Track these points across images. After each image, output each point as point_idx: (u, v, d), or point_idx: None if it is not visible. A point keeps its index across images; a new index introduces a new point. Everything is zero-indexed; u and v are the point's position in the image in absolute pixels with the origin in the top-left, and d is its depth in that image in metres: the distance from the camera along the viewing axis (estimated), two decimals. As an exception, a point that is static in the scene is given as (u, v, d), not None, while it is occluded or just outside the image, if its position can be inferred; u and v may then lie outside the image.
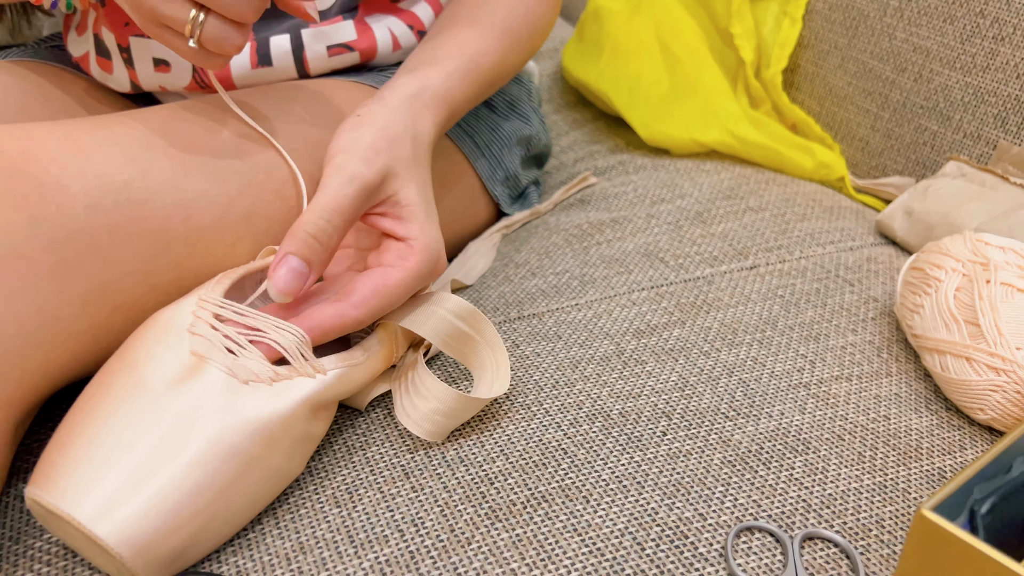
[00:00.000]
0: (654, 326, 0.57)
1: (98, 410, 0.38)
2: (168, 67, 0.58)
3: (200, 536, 0.37)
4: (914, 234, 0.67)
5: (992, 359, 0.47)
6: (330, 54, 0.59)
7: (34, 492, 0.36)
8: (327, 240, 0.43)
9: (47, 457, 0.37)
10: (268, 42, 0.57)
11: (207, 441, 0.37)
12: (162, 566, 0.36)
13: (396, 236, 0.46)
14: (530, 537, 0.41)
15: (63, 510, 0.35)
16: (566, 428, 0.48)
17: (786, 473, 0.45)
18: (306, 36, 0.58)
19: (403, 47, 0.63)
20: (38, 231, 0.40)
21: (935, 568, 0.29)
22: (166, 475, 0.36)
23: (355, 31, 0.60)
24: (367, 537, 0.41)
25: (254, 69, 0.58)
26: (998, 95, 0.69)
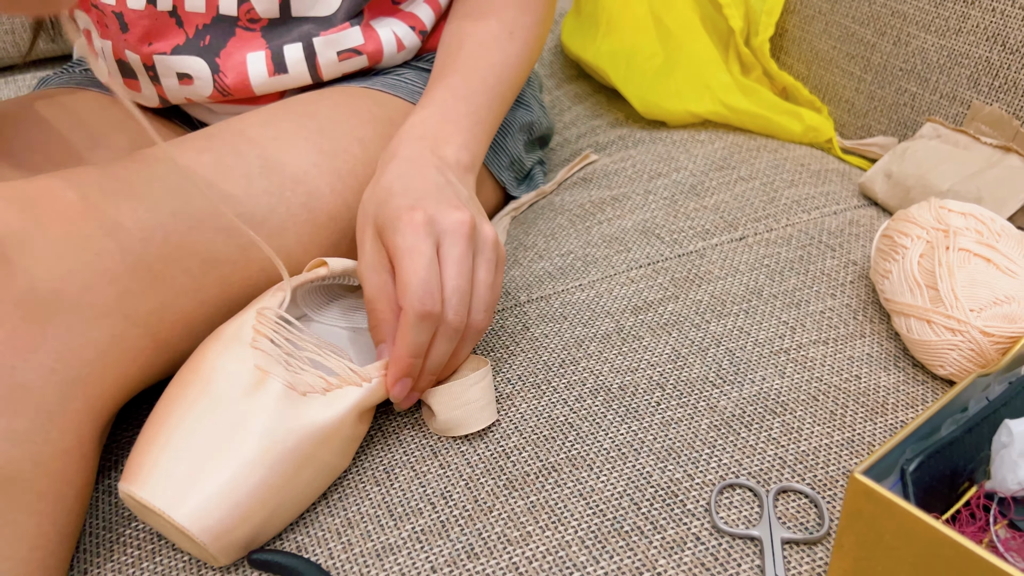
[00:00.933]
0: (650, 302, 0.63)
1: (174, 416, 0.45)
2: (191, 80, 0.63)
3: (266, 523, 0.44)
4: (893, 196, 0.72)
5: (949, 321, 0.53)
6: (340, 59, 0.65)
7: (128, 488, 0.43)
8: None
9: (136, 457, 0.44)
10: (282, 51, 0.63)
11: (271, 443, 0.44)
12: (236, 549, 0.44)
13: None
14: (542, 503, 0.48)
15: (155, 504, 0.42)
16: (572, 404, 0.55)
17: (765, 434, 0.51)
18: (317, 44, 0.63)
19: (407, 47, 0.68)
20: (103, 267, 0.46)
21: (867, 523, 0.36)
22: (234, 472, 0.43)
23: (362, 36, 0.65)
24: (404, 510, 0.48)
25: (271, 77, 0.63)
26: (970, 57, 0.73)
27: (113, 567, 0.47)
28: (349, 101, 0.63)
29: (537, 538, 0.46)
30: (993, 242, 0.55)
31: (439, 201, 0.50)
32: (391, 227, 0.49)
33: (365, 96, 0.64)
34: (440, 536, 0.47)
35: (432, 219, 0.49)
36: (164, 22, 0.60)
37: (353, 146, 0.59)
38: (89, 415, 0.44)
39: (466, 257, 0.50)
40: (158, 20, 0.59)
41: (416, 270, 0.47)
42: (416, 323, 0.48)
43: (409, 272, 0.47)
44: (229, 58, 0.61)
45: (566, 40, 1.02)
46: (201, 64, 0.61)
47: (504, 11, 0.64)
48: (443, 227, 0.49)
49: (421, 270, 0.47)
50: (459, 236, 0.49)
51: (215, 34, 0.61)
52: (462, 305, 0.49)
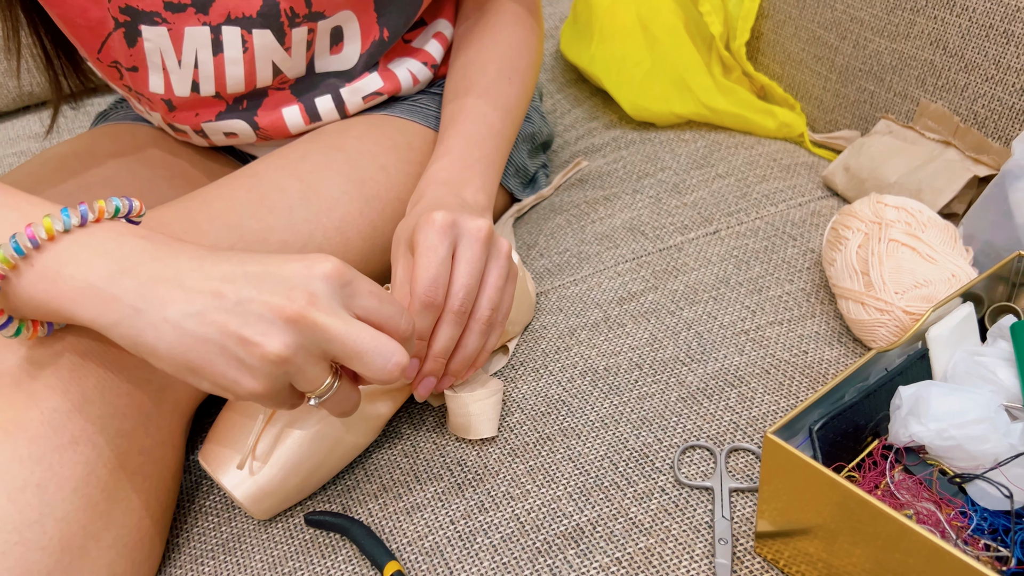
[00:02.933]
0: (633, 293, 0.74)
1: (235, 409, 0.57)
2: (236, 136, 0.74)
3: (300, 492, 0.57)
4: (850, 187, 0.82)
5: (878, 302, 0.63)
6: (365, 102, 0.75)
7: (203, 463, 0.55)
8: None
9: (208, 442, 0.57)
10: (314, 104, 0.73)
11: (306, 430, 0.55)
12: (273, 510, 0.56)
13: None
14: (539, 466, 0.59)
15: (218, 479, 0.54)
16: (564, 384, 0.66)
17: (723, 403, 0.62)
18: (344, 93, 0.74)
19: (420, 80, 0.78)
20: None
21: (780, 475, 0.46)
22: (277, 455, 0.55)
23: (381, 80, 0.75)
24: (427, 476, 0.60)
25: (307, 124, 0.74)
26: (917, 59, 0.81)
27: (199, 531, 0.59)
28: (372, 131, 0.73)
29: (534, 494, 0.57)
30: (919, 232, 0.65)
31: (462, 211, 0.57)
32: (418, 229, 0.56)
33: (386, 124, 0.74)
34: (457, 495, 0.58)
35: (455, 222, 0.56)
36: (208, 102, 0.70)
37: (377, 173, 0.69)
38: (176, 413, 0.56)
39: (479, 259, 0.56)
40: (202, 101, 0.70)
41: (428, 266, 0.54)
42: (420, 311, 0.54)
43: (422, 268, 0.54)
44: (267, 115, 0.72)
45: (564, 48, 1.12)
46: (243, 124, 0.72)
47: (503, 57, 0.73)
48: (463, 230, 0.56)
49: (433, 266, 0.54)
50: (476, 240, 0.56)
51: (250, 98, 0.71)
52: (468, 298, 0.56)
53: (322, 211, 0.65)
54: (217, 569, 0.56)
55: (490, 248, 0.58)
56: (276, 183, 0.65)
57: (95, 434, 0.50)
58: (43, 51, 0.76)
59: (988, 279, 0.59)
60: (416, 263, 0.55)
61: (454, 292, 0.55)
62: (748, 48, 1.02)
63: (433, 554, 0.54)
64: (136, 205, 0.49)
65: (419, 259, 0.55)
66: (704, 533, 0.53)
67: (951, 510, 0.47)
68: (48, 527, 0.47)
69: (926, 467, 0.49)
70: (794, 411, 0.48)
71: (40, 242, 0.44)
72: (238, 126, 0.72)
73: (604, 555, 0.52)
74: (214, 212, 0.61)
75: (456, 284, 0.56)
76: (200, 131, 0.74)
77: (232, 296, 0.44)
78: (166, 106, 0.70)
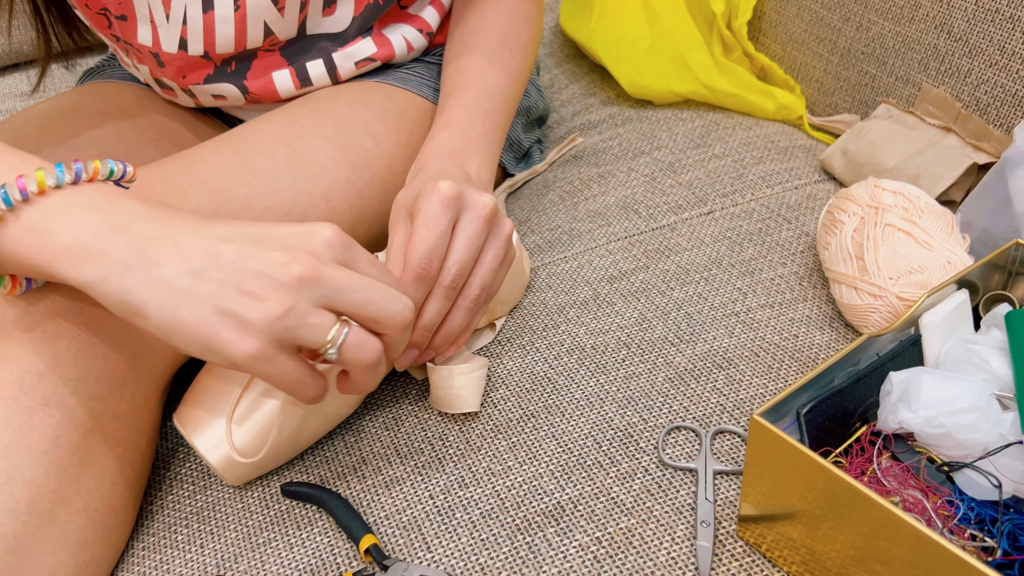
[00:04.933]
0: (624, 272, 0.73)
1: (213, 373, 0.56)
2: (225, 98, 0.73)
3: (275, 460, 0.55)
4: (848, 171, 0.80)
5: (871, 287, 0.62)
6: (358, 67, 0.73)
7: (177, 425, 0.54)
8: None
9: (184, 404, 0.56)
10: (306, 68, 0.72)
11: (283, 397, 0.54)
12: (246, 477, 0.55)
13: None
14: (521, 443, 0.58)
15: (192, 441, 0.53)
16: (551, 361, 0.65)
17: (711, 385, 0.61)
18: (336, 57, 0.72)
19: (415, 48, 0.76)
20: None
21: (766, 458, 0.45)
22: (253, 419, 0.54)
23: (375, 45, 0.73)
24: (408, 450, 0.59)
25: (298, 89, 0.72)
26: (921, 43, 0.80)
27: (174, 498, 0.58)
28: (363, 98, 0.71)
29: (516, 471, 0.56)
30: (916, 218, 0.64)
31: (470, 186, 0.56)
32: (422, 196, 0.54)
33: (378, 92, 0.73)
34: (437, 470, 0.57)
35: (460, 195, 0.54)
36: (195, 62, 0.68)
37: (367, 141, 0.68)
38: (153, 378, 0.55)
39: (479, 235, 0.55)
40: (190, 61, 0.68)
41: (427, 237, 0.53)
42: (413, 283, 0.53)
43: (420, 238, 0.53)
44: (256, 79, 0.70)
45: (563, 22, 1.10)
46: (231, 87, 0.70)
47: (504, 28, 0.71)
48: (467, 203, 0.54)
49: (432, 238, 0.53)
50: (478, 216, 0.55)
51: (239, 60, 0.69)
52: (461, 275, 0.55)
53: (308, 178, 0.63)
54: (191, 537, 0.55)
55: (492, 226, 0.56)
56: (262, 148, 0.63)
57: (68, 397, 0.49)
58: (32, 4, 0.75)
59: (984, 267, 0.58)
60: (414, 232, 0.53)
61: (448, 266, 0.54)
62: (750, 28, 1.00)
63: (410, 529, 0.53)
64: (129, 171, 0.47)
65: (418, 228, 0.53)
66: (686, 515, 0.52)
67: (938, 499, 0.46)
68: (16, 489, 0.46)
69: (914, 455, 0.48)
70: (782, 393, 0.47)
71: (30, 195, 0.42)
72: (227, 89, 0.71)
73: (584, 534, 0.52)
74: (197, 175, 0.60)
75: (451, 258, 0.54)
76: (188, 90, 0.72)
77: (230, 254, 0.42)
78: (155, 60, 0.68)
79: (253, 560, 0.53)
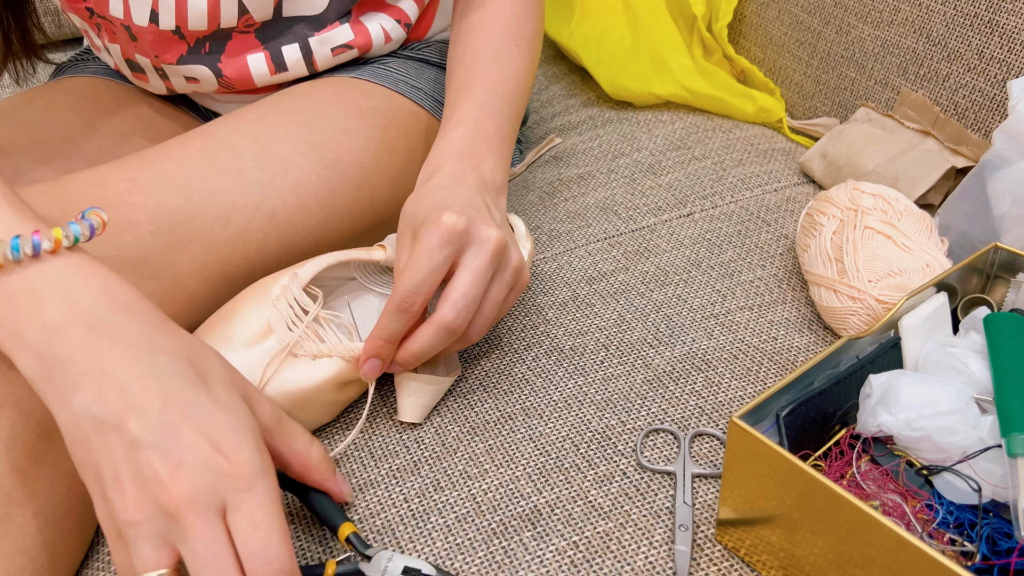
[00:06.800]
0: (604, 273, 0.72)
1: None
2: (198, 81, 0.71)
3: None
4: (827, 174, 0.80)
5: (851, 290, 0.61)
6: (334, 54, 0.72)
7: None
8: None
9: None
10: (281, 52, 0.70)
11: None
12: None
13: None
14: (498, 446, 0.57)
15: None
16: (529, 363, 0.64)
17: (690, 387, 0.60)
18: (312, 43, 0.71)
19: (393, 39, 0.76)
20: (121, 256, 0.54)
21: (745, 461, 0.45)
22: None
23: (352, 32, 0.72)
24: (383, 452, 0.58)
25: (273, 75, 0.71)
26: (900, 47, 0.80)
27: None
28: (336, 95, 0.70)
29: (492, 474, 0.55)
30: (895, 221, 0.63)
31: (478, 215, 0.54)
32: (424, 225, 0.53)
33: (352, 88, 0.72)
34: (412, 473, 0.56)
35: (465, 231, 0.52)
36: (168, 38, 0.67)
37: (338, 136, 0.67)
38: None
39: (486, 272, 0.53)
40: (162, 36, 0.67)
41: (418, 268, 0.52)
42: (393, 313, 0.52)
43: (411, 268, 0.52)
44: (230, 61, 0.69)
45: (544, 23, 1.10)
46: (204, 70, 0.69)
47: (508, 21, 0.70)
48: (473, 237, 0.53)
49: (422, 270, 0.52)
50: (485, 251, 0.53)
51: (213, 40, 0.68)
52: (468, 312, 0.53)
53: (276, 173, 0.62)
54: (158, 542, 0.53)
55: (499, 261, 0.54)
56: (229, 144, 0.62)
57: (23, 398, 0.47)
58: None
59: (963, 270, 0.57)
60: (409, 261, 0.52)
61: (451, 301, 0.52)
62: (730, 30, 1.00)
63: (385, 532, 0.52)
64: (97, 224, 0.45)
65: (413, 258, 0.52)
66: (664, 519, 0.51)
67: (917, 502, 0.46)
68: None
69: (893, 458, 0.48)
70: (761, 396, 0.46)
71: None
72: (200, 72, 0.69)
73: (561, 538, 0.51)
74: (159, 172, 0.58)
75: (455, 293, 0.53)
76: (160, 71, 0.71)
77: (133, 432, 0.39)
78: (127, 34, 0.67)
79: (222, 565, 0.52)
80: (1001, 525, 0.44)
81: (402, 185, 0.70)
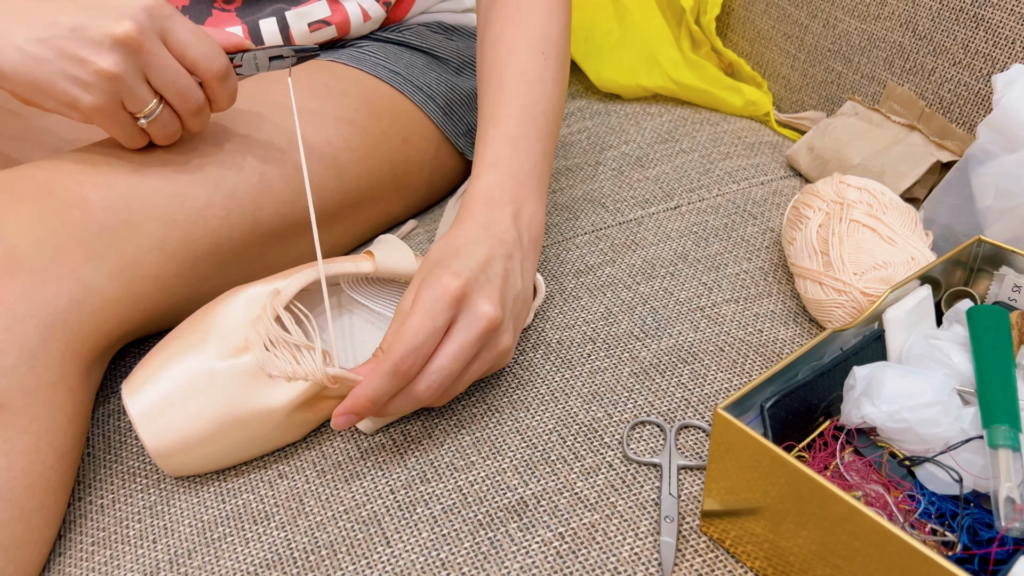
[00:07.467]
0: (591, 265, 0.72)
1: (172, 349, 0.54)
2: None
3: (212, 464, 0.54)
4: (814, 168, 0.81)
5: (836, 283, 0.62)
6: (311, 30, 0.72)
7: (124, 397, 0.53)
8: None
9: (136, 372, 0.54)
10: (258, 25, 0.70)
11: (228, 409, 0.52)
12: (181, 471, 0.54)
13: None
14: (485, 438, 0.57)
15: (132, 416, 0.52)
16: (516, 356, 0.64)
17: (676, 379, 0.61)
18: (289, 16, 0.71)
19: (372, 18, 0.75)
20: (69, 232, 0.54)
21: (730, 452, 0.45)
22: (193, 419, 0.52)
23: (329, 8, 0.73)
24: (369, 445, 0.58)
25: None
26: (887, 41, 0.80)
27: (126, 492, 0.56)
28: (307, 75, 0.70)
29: (479, 466, 0.55)
30: (880, 214, 0.64)
31: (486, 284, 0.52)
32: (426, 282, 0.51)
33: (324, 69, 0.72)
34: (399, 465, 0.56)
35: (466, 297, 0.51)
36: None
37: (304, 115, 0.67)
38: (70, 353, 0.53)
39: (471, 348, 0.51)
40: None
41: (419, 331, 0.49)
42: (388, 374, 0.49)
43: (412, 329, 0.49)
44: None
45: (532, 15, 1.09)
46: None
47: (530, 26, 0.65)
48: (469, 310, 0.51)
49: (422, 334, 0.49)
50: (476, 328, 0.51)
51: (193, 14, 0.68)
52: (440, 386, 0.51)
53: (237, 151, 0.62)
54: (144, 532, 0.53)
55: (487, 340, 0.53)
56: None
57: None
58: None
59: (946, 263, 0.58)
60: (408, 319, 0.50)
61: (428, 373, 0.51)
62: (718, 23, 1.00)
63: (370, 523, 0.52)
64: None
65: (413, 317, 0.50)
66: (650, 510, 0.52)
67: (899, 493, 0.46)
68: None
69: (876, 449, 0.48)
70: (746, 387, 0.46)
71: None
72: None
73: (547, 529, 0.51)
74: (115, 153, 0.59)
75: (434, 365, 0.51)
76: None
77: (67, 23, 0.51)
78: None
79: (207, 555, 0.52)
80: (982, 515, 0.44)
81: (373, 167, 0.70)
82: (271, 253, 0.66)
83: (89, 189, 0.56)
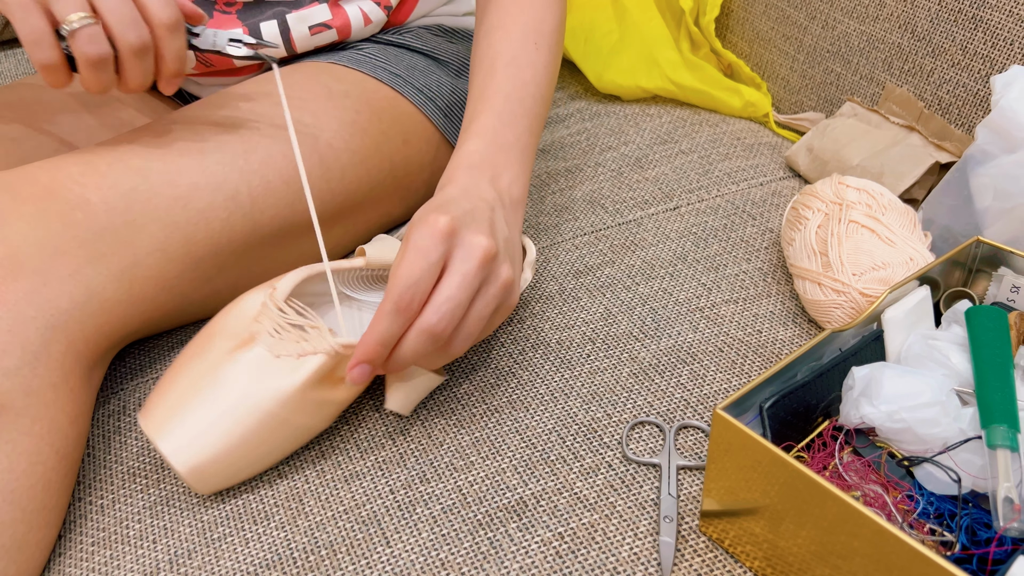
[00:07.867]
0: (590, 266, 0.72)
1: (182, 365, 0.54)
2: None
3: (245, 471, 0.54)
4: (813, 169, 0.81)
5: (835, 283, 0.62)
6: (312, 33, 0.73)
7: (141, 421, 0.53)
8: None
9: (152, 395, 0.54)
10: (259, 28, 0.71)
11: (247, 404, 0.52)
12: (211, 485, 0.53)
13: None
14: (484, 438, 0.57)
15: (156, 442, 0.51)
16: (515, 356, 0.64)
17: (675, 380, 0.61)
18: (290, 20, 0.71)
19: (373, 22, 0.75)
20: (71, 234, 0.54)
21: (729, 452, 0.45)
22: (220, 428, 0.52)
23: (330, 12, 0.73)
24: (369, 444, 0.58)
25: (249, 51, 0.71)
26: (885, 42, 0.81)
27: (126, 492, 0.56)
28: (308, 77, 0.70)
29: (478, 466, 0.56)
30: (879, 215, 0.64)
31: (473, 222, 0.51)
32: (414, 225, 0.50)
33: (325, 71, 0.72)
34: (398, 465, 0.56)
35: (456, 231, 0.50)
36: None
37: (305, 117, 0.67)
38: (72, 355, 0.53)
39: (474, 278, 0.50)
40: None
41: (413, 265, 0.48)
42: (390, 314, 0.48)
43: (405, 266, 0.48)
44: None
45: (532, 16, 1.09)
46: None
47: (525, 17, 0.66)
48: (462, 242, 0.50)
49: (417, 270, 0.48)
50: (473, 257, 0.50)
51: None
52: (452, 317, 0.49)
53: (239, 153, 0.62)
54: (144, 532, 0.53)
55: (487, 271, 0.51)
56: (190, 127, 0.63)
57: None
58: None
59: (945, 264, 0.58)
60: (400, 259, 0.49)
61: (436, 304, 0.49)
62: (717, 25, 1.00)
63: (370, 523, 0.52)
64: None
65: (405, 256, 0.49)
66: (649, 510, 0.52)
67: (898, 493, 0.47)
68: None
69: (875, 449, 0.49)
70: (745, 388, 0.47)
71: None
72: None
73: (546, 529, 0.51)
74: (117, 155, 0.59)
75: (440, 296, 0.49)
76: None
77: None
78: None
79: (207, 555, 0.52)
80: (980, 515, 0.44)
81: (374, 168, 0.70)
82: (272, 254, 0.66)
83: (91, 191, 0.56)
